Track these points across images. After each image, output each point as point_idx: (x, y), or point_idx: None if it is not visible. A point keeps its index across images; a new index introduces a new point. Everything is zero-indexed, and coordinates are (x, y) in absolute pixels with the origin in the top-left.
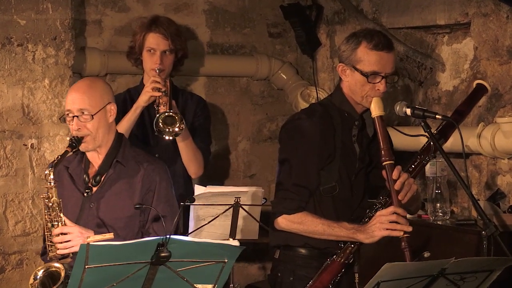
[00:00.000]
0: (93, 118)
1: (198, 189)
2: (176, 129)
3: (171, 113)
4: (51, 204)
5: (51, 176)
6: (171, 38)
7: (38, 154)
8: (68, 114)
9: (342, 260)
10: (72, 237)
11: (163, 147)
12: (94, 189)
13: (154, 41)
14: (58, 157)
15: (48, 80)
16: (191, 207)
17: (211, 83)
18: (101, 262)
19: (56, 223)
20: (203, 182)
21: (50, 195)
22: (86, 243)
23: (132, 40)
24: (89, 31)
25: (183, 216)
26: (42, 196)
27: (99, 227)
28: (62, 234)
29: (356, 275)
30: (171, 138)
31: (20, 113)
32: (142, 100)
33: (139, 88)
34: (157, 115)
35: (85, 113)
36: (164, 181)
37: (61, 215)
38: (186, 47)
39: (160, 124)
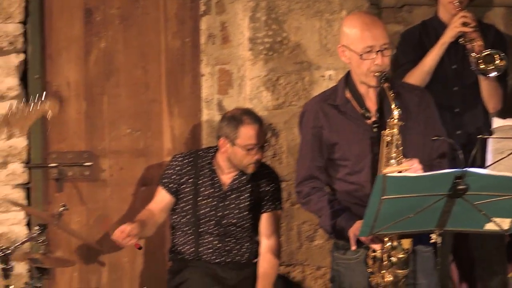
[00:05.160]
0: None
1: (497, 122)
2: (501, 64)
3: (488, 52)
4: (391, 139)
5: (396, 113)
6: None
7: None
8: (369, 51)
9: None
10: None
11: (462, 82)
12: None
13: None
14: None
15: (346, 12)
16: (489, 140)
17: (511, 15)
18: (397, 193)
19: (393, 160)
20: (502, 115)
21: (393, 132)
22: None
23: None
24: None
25: (481, 149)
26: (383, 133)
27: None
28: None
29: None
30: (497, 74)
31: (318, 44)
32: (449, 36)
33: (434, 21)
34: (475, 55)
35: (387, 47)
36: (435, 109)
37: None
38: None
39: (482, 65)
